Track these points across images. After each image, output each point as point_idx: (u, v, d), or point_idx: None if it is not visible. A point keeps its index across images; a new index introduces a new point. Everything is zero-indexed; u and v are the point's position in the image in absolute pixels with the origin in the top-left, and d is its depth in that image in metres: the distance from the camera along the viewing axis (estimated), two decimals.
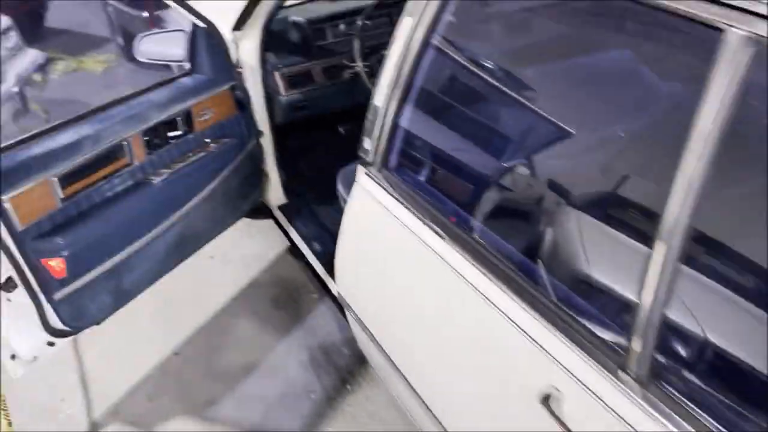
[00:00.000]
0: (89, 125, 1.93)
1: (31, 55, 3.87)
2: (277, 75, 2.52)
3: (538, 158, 1.62)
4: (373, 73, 2.47)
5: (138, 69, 4.87)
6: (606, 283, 1.30)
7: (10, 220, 1.73)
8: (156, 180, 2.09)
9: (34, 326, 1.90)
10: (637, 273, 1.03)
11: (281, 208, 2.76)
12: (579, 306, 1.23)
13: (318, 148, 3.02)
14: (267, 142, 2.63)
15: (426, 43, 1.40)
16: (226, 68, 2.38)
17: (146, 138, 2.09)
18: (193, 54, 2.31)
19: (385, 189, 1.54)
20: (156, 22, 4.74)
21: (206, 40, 2.29)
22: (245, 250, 3.08)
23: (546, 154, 1.63)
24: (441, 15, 1.37)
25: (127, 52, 5.59)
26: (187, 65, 2.33)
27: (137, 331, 2.64)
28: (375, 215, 1.57)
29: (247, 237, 3.14)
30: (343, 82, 2.60)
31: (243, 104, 2.46)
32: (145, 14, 4.75)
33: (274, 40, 2.54)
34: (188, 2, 2.13)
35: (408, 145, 1.54)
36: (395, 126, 1.51)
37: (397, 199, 1.50)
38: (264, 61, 2.47)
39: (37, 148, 1.80)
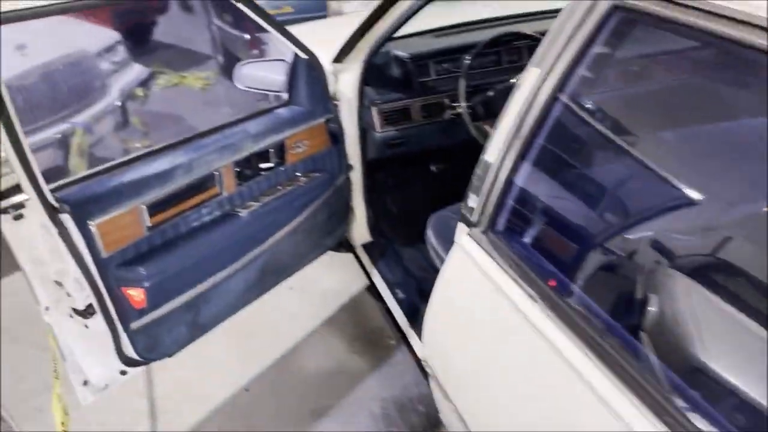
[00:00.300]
0: (183, 153, 1.88)
1: (136, 70, 3.98)
2: (374, 110, 2.41)
3: (660, 226, 1.42)
4: (476, 115, 2.33)
5: (235, 89, 4.96)
6: (725, 376, 1.08)
7: (95, 247, 1.68)
8: (243, 213, 2.01)
9: (109, 354, 1.84)
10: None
11: (365, 246, 2.64)
12: (695, 402, 1.03)
13: (409, 187, 2.89)
14: (356, 177, 2.53)
15: (554, 98, 1.24)
16: (324, 101, 2.30)
17: (238, 169, 2.02)
18: (291, 85, 2.24)
19: (490, 255, 1.38)
20: (257, 45, 4.80)
21: (306, 72, 2.22)
22: (325, 284, 2.98)
23: (669, 222, 1.43)
24: (575, 69, 1.20)
25: (227, 72, 5.72)
26: (285, 96, 2.26)
27: (210, 362, 2.58)
28: (475, 283, 1.41)
29: (328, 270, 3.04)
30: (442, 122, 2.47)
31: (336, 137, 2.38)
32: (248, 36, 4.82)
33: (374, 74, 2.45)
34: (291, 32, 2.06)
35: (522, 207, 1.37)
36: (509, 185, 1.35)
37: (503, 267, 1.34)
38: (362, 95, 2.38)
39: (131, 174, 1.76)
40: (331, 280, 2.98)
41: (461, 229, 1.50)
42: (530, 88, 1.28)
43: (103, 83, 3.60)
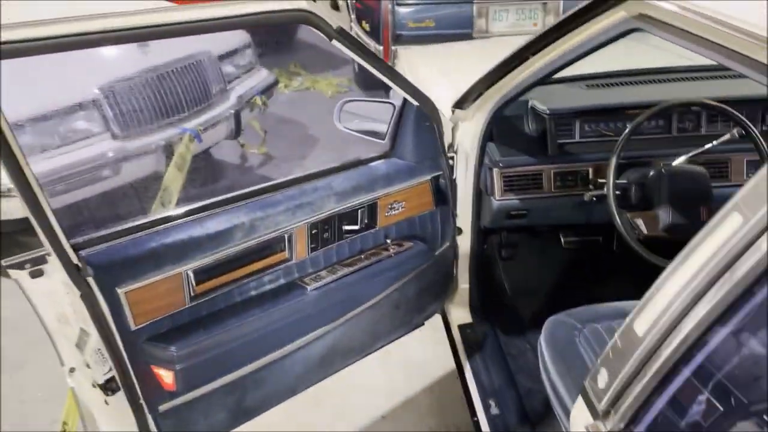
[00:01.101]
0: (247, 211, 1.55)
1: (260, 76, 3.79)
2: (495, 173, 1.96)
3: None
4: (626, 198, 1.79)
5: (367, 97, 4.66)
6: None
7: (122, 318, 1.39)
8: (312, 288, 1.65)
9: None
10: None
11: (462, 328, 2.19)
12: None
13: (527, 262, 2.40)
14: (464, 245, 2.09)
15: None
16: (433, 156, 1.88)
17: (314, 231, 1.67)
18: (396, 133, 1.85)
19: None
20: (391, 57, 4.47)
21: (415, 121, 1.82)
22: (411, 351, 2.56)
23: None
24: None
25: (360, 81, 5.46)
26: (387, 145, 1.87)
27: None
28: None
29: (416, 336, 2.62)
30: (580, 197, 1.96)
31: (444, 196, 1.95)
32: (380, 47, 4.51)
33: (501, 128, 1.99)
34: (400, 74, 1.66)
35: (691, 414, 0.88)
36: (671, 378, 0.86)
37: None
38: (483, 152, 1.94)
39: (177, 234, 1.45)
40: (417, 350, 2.56)
41: (580, 410, 1.02)
42: (728, 240, 0.78)
43: (223, 88, 3.44)
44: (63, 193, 2.72)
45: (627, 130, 1.76)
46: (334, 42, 1.45)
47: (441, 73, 2.83)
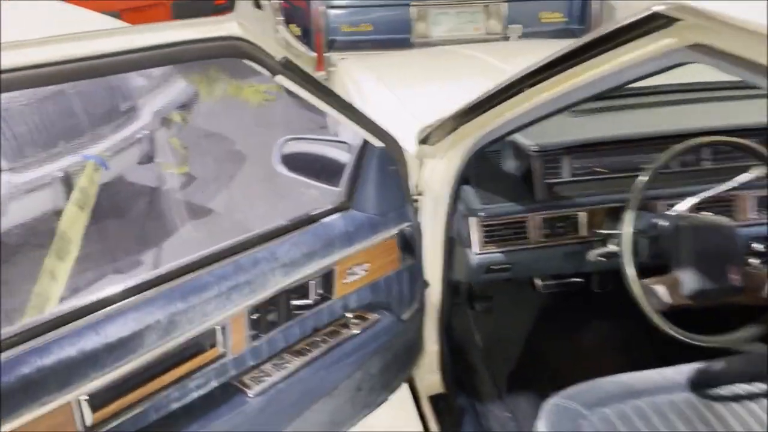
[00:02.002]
0: (163, 304, 1.14)
1: (177, 88, 3.31)
2: (473, 223, 1.62)
3: None
4: (634, 254, 1.48)
5: (296, 112, 4.25)
6: None
7: None
8: (254, 392, 1.27)
9: None
10: None
11: (434, 400, 1.85)
12: None
13: (503, 312, 2.08)
14: (432, 301, 1.75)
15: None
16: (400, 205, 1.53)
17: (255, 315, 1.28)
18: (354, 180, 1.48)
19: None
20: (326, 66, 4.07)
21: (380, 165, 1.46)
22: (369, 421, 2.20)
23: None
24: None
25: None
26: (343, 194, 1.50)
27: None
28: None
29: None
30: (571, 246, 1.66)
31: (412, 250, 1.61)
32: (313, 54, 4.11)
33: (478, 168, 1.66)
34: (356, 109, 1.30)
35: None
36: None
37: None
38: (456, 196, 1.60)
39: (61, 350, 1.03)
40: (377, 420, 2.20)
41: None
42: None
43: (132, 105, 2.95)
44: None
45: (643, 181, 1.44)
46: (278, 78, 1.06)
47: (389, 87, 2.48)
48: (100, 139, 2.76)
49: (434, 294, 1.77)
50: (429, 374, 1.85)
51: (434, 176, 1.60)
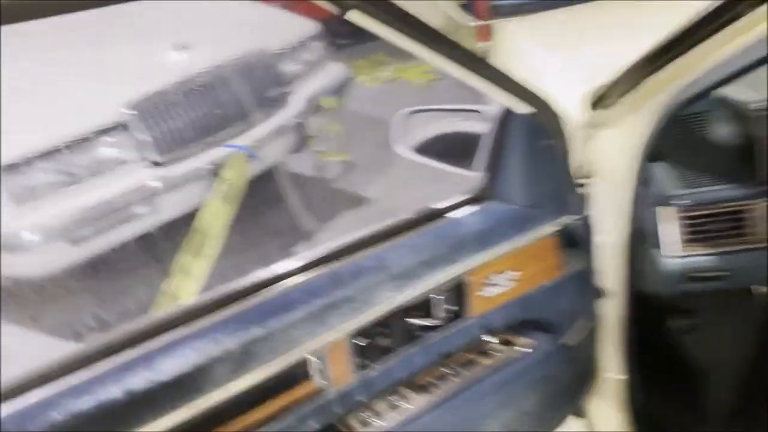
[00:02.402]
0: (234, 329, 0.89)
1: (329, 73, 3.15)
2: (667, 214, 1.17)
3: None
4: None
5: (464, 91, 3.90)
6: None
7: None
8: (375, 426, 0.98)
9: None
10: None
11: None
12: None
13: (712, 330, 1.56)
14: (610, 310, 1.33)
15: None
16: (561, 192, 1.14)
17: (360, 341, 0.99)
18: (495, 161, 1.11)
19: None
20: (489, 35, 3.67)
21: (529, 139, 1.08)
22: None
23: None
24: None
25: None
26: (480, 181, 1.14)
27: None
28: None
29: None
30: None
31: (578, 250, 1.21)
32: (476, 23, 3.71)
33: (676, 137, 1.20)
34: (502, 70, 0.93)
35: None
36: None
37: None
38: (643, 178, 1.16)
39: (100, 390, 0.82)
40: None
41: None
42: None
43: (282, 93, 2.83)
44: (85, 240, 2.22)
45: None
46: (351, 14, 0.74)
47: (551, 48, 2.04)
48: (249, 128, 2.67)
49: (614, 307, 1.35)
50: (609, 411, 1.43)
51: (610, 152, 1.18)
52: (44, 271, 2.20)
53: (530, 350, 1.12)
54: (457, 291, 1.08)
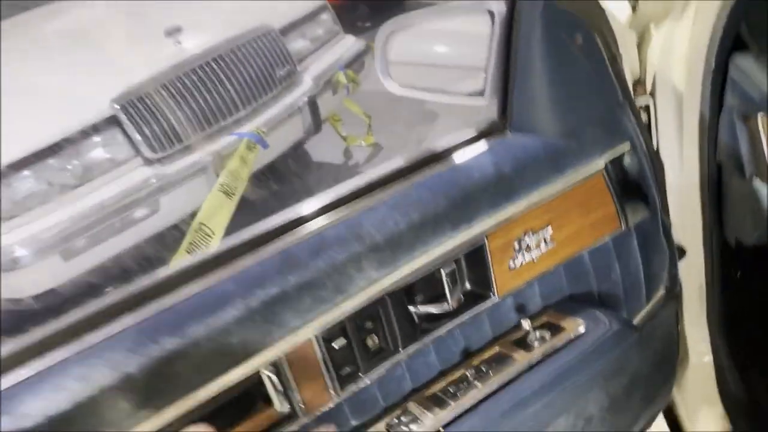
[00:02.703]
0: (130, 345, 0.61)
1: (342, 47, 2.86)
2: (765, 123, 0.83)
3: None
4: None
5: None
6: None
7: None
8: None
9: None
10: None
11: None
12: None
13: None
14: (693, 275, 1.01)
15: None
16: (607, 114, 0.82)
17: (335, 343, 0.70)
18: (511, 77, 0.80)
19: None
20: None
21: (557, 37, 0.76)
22: None
23: None
24: None
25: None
26: (491, 108, 0.83)
27: None
28: None
29: None
30: None
31: (637, 190, 0.88)
32: None
33: (761, 17, 0.85)
34: None
35: None
36: None
37: None
38: (723, 80, 0.83)
39: None
40: None
41: None
42: None
43: (291, 71, 2.56)
44: (83, 251, 2.01)
45: None
46: None
47: None
48: (255, 113, 2.41)
49: (697, 268, 1.02)
50: (701, 404, 1.09)
51: (674, 52, 0.85)
52: (38, 288, 2.00)
53: (585, 334, 0.80)
54: (475, 262, 0.77)
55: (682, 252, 1.04)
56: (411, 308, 0.76)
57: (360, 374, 0.72)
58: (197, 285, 0.66)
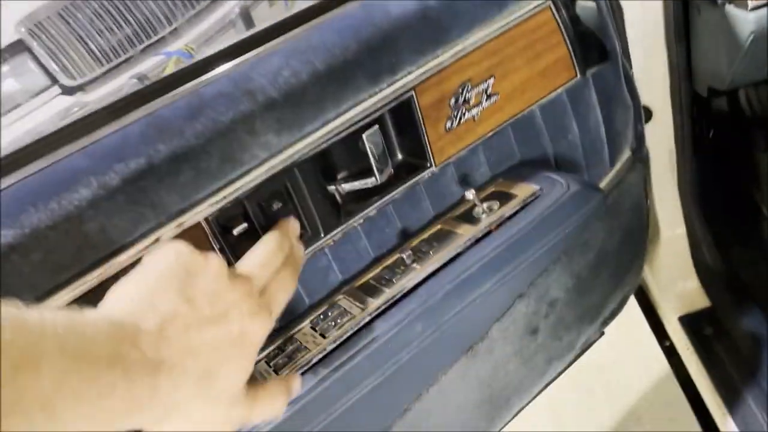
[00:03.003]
0: None
1: None
2: None
3: None
4: None
5: None
6: None
7: None
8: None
9: None
10: None
11: (688, 321, 1.00)
12: None
13: None
14: (661, 137, 0.90)
15: None
16: None
17: (235, 230, 0.56)
18: None
19: None
20: None
21: None
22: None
23: None
24: None
25: None
26: None
27: None
28: None
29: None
30: None
31: (592, 35, 0.75)
32: None
33: None
34: None
35: None
36: None
37: None
38: None
39: None
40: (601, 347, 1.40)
41: None
42: None
43: None
44: None
45: None
46: None
47: None
48: (183, 29, 2.20)
49: (665, 130, 0.91)
50: (676, 280, 1.00)
51: None
52: None
53: (539, 198, 0.69)
54: (403, 124, 0.64)
55: (648, 113, 0.93)
56: (331, 186, 0.63)
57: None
58: (41, 162, 0.52)
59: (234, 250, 0.57)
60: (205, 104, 0.54)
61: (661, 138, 0.94)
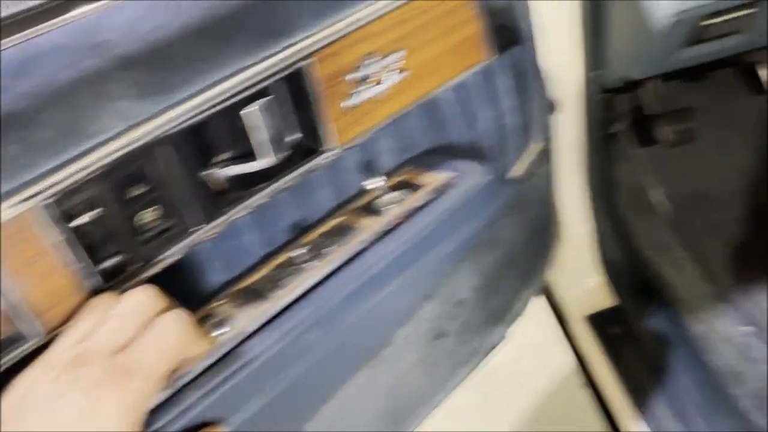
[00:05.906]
0: None
1: None
2: None
3: None
4: None
5: None
6: None
7: None
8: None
9: None
10: None
11: (597, 321, 0.98)
12: None
13: (707, 143, 1.08)
14: (568, 130, 0.87)
15: None
16: None
17: (82, 225, 0.45)
18: None
19: None
20: None
21: None
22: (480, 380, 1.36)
23: None
24: None
25: None
26: None
27: None
28: None
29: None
30: None
31: (506, 11, 0.70)
32: None
33: None
34: None
35: None
36: None
37: None
38: None
39: None
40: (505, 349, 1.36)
41: None
42: None
43: None
44: None
45: None
46: None
47: None
48: None
49: (572, 121, 0.87)
50: (581, 278, 0.97)
51: None
52: None
53: (448, 190, 0.62)
54: (296, 100, 0.55)
55: (556, 105, 0.89)
56: (209, 169, 0.53)
57: (135, 265, 0.49)
58: None
59: (82, 246, 0.45)
60: (35, 59, 0.42)
61: (568, 132, 0.90)
